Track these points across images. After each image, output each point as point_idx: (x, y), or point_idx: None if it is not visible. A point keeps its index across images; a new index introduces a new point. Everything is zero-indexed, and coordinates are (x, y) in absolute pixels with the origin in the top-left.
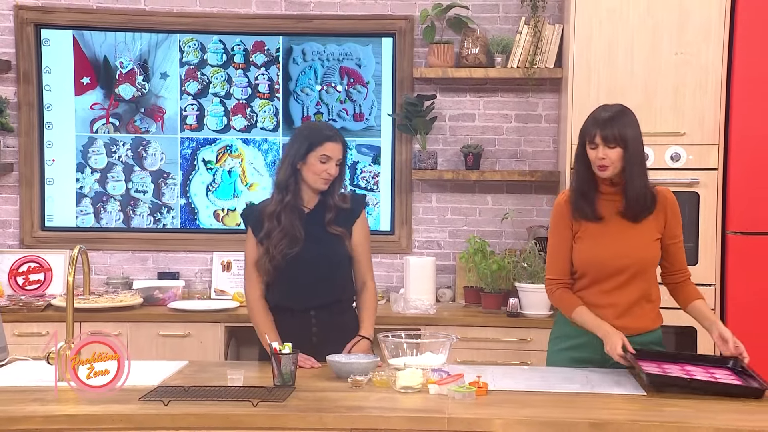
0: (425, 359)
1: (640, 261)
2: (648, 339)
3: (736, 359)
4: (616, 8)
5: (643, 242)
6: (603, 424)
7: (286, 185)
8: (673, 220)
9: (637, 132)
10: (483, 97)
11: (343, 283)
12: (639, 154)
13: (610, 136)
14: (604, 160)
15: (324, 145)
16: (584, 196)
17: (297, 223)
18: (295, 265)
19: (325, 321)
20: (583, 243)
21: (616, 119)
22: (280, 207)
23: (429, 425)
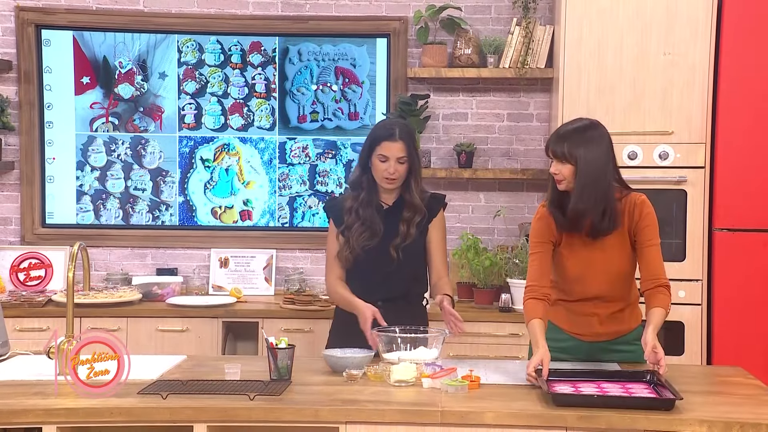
0: (418, 354)
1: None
2: (631, 337)
3: (653, 373)
4: (606, 9)
5: (615, 255)
6: (592, 417)
7: (359, 183)
8: (643, 222)
9: (593, 150)
10: (476, 97)
11: (413, 278)
12: (593, 173)
13: (558, 151)
14: (557, 175)
15: (381, 145)
16: (560, 207)
17: (376, 217)
18: (372, 256)
19: (391, 313)
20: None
21: (571, 136)
22: (357, 203)
23: (422, 418)
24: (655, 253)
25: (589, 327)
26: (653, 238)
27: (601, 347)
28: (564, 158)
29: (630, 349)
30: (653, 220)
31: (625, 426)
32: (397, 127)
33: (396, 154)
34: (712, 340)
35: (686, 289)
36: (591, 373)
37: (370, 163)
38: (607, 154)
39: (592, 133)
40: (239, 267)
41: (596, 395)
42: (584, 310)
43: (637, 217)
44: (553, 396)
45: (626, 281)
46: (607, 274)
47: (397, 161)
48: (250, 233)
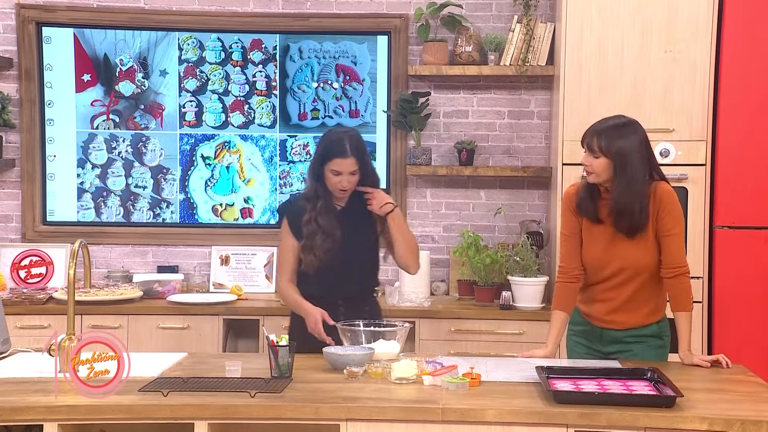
0: (377, 346)
1: (632, 267)
2: (641, 333)
3: (653, 370)
4: (607, 7)
5: (638, 252)
6: (592, 414)
7: (315, 194)
8: (663, 213)
9: (630, 147)
10: (476, 94)
11: (369, 273)
12: (630, 170)
13: (593, 145)
14: (588, 167)
15: (333, 161)
16: (590, 195)
17: (334, 222)
18: (335, 260)
19: (352, 309)
20: (587, 241)
21: (608, 131)
22: (315, 213)
23: (423, 415)
24: (676, 242)
25: (600, 312)
26: (674, 227)
27: (612, 336)
28: (599, 151)
29: (640, 341)
30: (674, 209)
31: (626, 423)
32: (347, 141)
33: (348, 169)
34: (713, 337)
35: None
36: (592, 370)
37: (322, 173)
38: (641, 152)
39: (630, 129)
40: (240, 264)
41: (597, 392)
42: (597, 294)
43: (659, 206)
44: (554, 393)
45: (646, 275)
46: (628, 268)
47: (350, 174)
48: (250, 231)
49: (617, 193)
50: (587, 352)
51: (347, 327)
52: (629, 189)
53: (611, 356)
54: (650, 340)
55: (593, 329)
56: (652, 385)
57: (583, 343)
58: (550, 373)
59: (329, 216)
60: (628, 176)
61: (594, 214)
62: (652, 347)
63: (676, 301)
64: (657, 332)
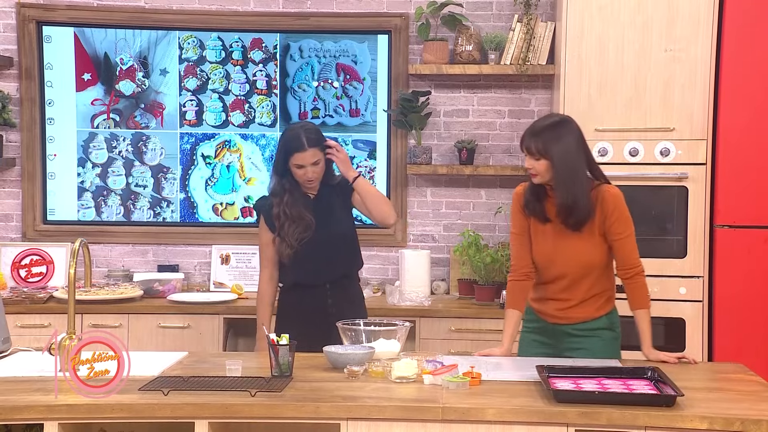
0: (378, 345)
1: (580, 265)
2: (593, 326)
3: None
4: (607, 5)
5: (585, 248)
6: (593, 413)
7: (280, 189)
8: (612, 217)
9: (567, 145)
10: (477, 93)
11: (351, 257)
12: (569, 167)
13: (532, 148)
14: (531, 170)
15: (294, 156)
16: (537, 195)
17: (304, 211)
18: (311, 246)
19: (339, 293)
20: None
21: (543, 133)
22: (282, 206)
23: (423, 414)
24: (628, 244)
25: (553, 309)
26: (625, 229)
27: (564, 331)
28: (538, 153)
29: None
30: (622, 211)
31: (626, 422)
32: (304, 135)
33: (309, 161)
34: (713, 336)
35: (687, 286)
36: (592, 369)
37: (287, 169)
38: (578, 148)
39: (565, 128)
40: (240, 264)
41: (597, 391)
42: (550, 293)
43: (607, 211)
44: (554, 392)
45: (596, 271)
46: (575, 264)
47: (312, 165)
48: (251, 230)
49: (560, 191)
50: (541, 349)
51: (348, 326)
52: (571, 185)
53: (565, 352)
54: (603, 333)
55: (546, 326)
56: (653, 384)
57: (537, 339)
58: (550, 373)
59: (298, 206)
60: (569, 174)
61: (541, 213)
62: (605, 340)
63: (634, 300)
64: (609, 324)
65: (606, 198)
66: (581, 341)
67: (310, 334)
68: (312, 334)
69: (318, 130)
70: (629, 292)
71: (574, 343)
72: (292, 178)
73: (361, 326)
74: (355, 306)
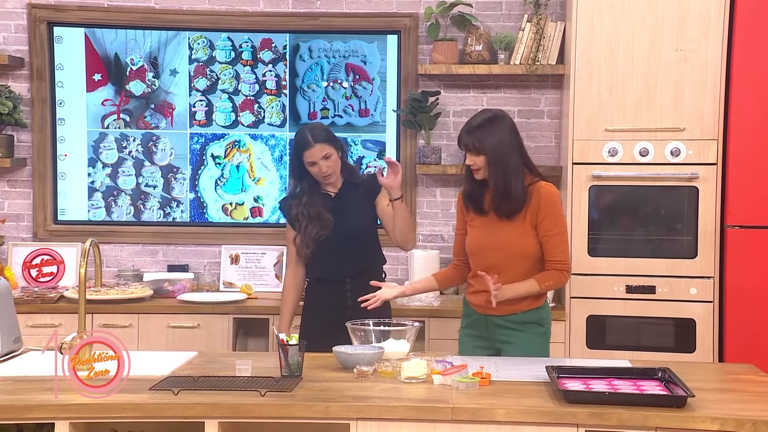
0: (387, 345)
1: (510, 253)
2: (523, 319)
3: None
4: (617, 5)
5: (514, 237)
6: (603, 414)
7: (299, 191)
8: (543, 213)
9: (501, 139)
10: (486, 93)
11: (371, 253)
12: (503, 160)
13: (470, 144)
14: (473, 165)
15: (304, 154)
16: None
17: (322, 210)
18: (329, 243)
19: (359, 288)
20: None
21: (478, 129)
22: (301, 207)
23: (433, 415)
24: (556, 241)
25: (484, 299)
26: (554, 227)
27: (495, 322)
28: (475, 149)
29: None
30: (554, 209)
31: (637, 423)
32: (308, 132)
33: (319, 156)
34: (724, 337)
35: (698, 287)
36: (602, 370)
37: (304, 171)
38: (512, 140)
39: (497, 123)
40: (250, 263)
41: (608, 392)
42: (483, 284)
43: (537, 207)
44: (564, 393)
45: (526, 261)
46: (505, 252)
47: (324, 159)
48: (260, 230)
49: (495, 180)
50: (475, 343)
51: (357, 326)
52: (507, 175)
53: (497, 344)
54: (532, 328)
55: (479, 318)
56: (663, 385)
57: (471, 333)
58: (560, 373)
59: (316, 206)
60: (503, 163)
61: (479, 203)
62: (534, 335)
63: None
64: (538, 319)
65: (541, 194)
66: (511, 335)
67: (331, 327)
68: (333, 327)
69: (326, 128)
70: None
71: (504, 336)
72: (311, 179)
73: (371, 326)
74: None
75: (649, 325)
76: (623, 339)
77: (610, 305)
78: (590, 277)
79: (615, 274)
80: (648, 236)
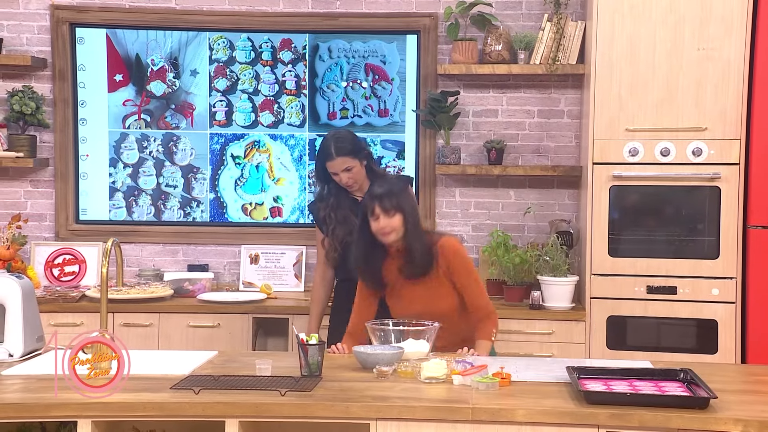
0: (407, 345)
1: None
2: None
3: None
4: (639, 4)
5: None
6: (624, 415)
7: (326, 194)
8: (453, 269)
9: (412, 198)
10: (506, 93)
11: None
12: (416, 217)
13: (387, 205)
14: (386, 228)
15: (327, 165)
16: (372, 265)
17: (349, 214)
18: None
19: None
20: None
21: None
22: (328, 209)
23: (453, 415)
24: (474, 291)
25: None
26: (467, 278)
27: None
28: (393, 209)
29: None
30: (462, 263)
31: (658, 424)
32: (332, 143)
33: (340, 168)
34: (747, 338)
35: (720, 287)
36: (623, 371)
37: (329, 176)
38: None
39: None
40: (269, 263)
41: (629, 393)
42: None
43: (448, 261)
44: (585, 393)
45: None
46: (431, 314)
47: (345, 171)
48: (280, 230)
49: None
50: None
51: (377, 326)
52: (421, 234)
53: None
54: None
55: None
56: (685, 386)
57: None
58: (581, 374)
59: (343, 209)
60: (417, 222)
61: (378, 280)
62: None
63: (479, 332)
64: None
65: (447, 248)
66: None
67: None
68: None
69: (351, 138)
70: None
71: None
72: (336, 185)
73: (390, 326)
74: None
75: (671, 326)
76: (644, 340)
77: (631, 306)
78: (611, 277)
79: (636, 275)
80: (669, 237)
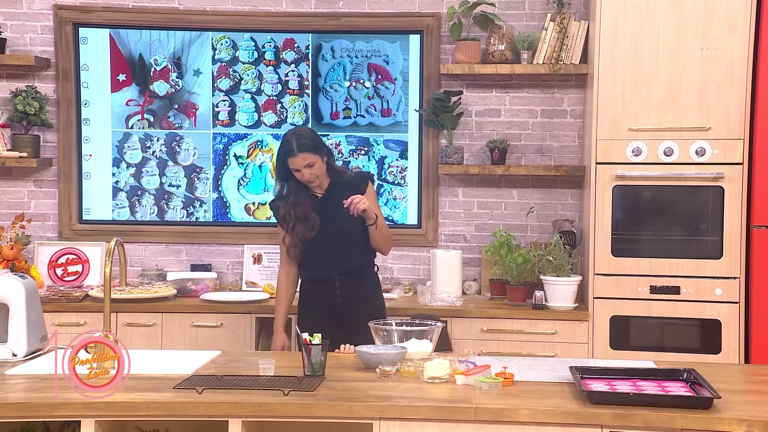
0: (410, 345)
1: None
2: None
3: (690, 371)
4: (642, 4)
5: None
6: (628, 415)
7: (286, 193)
8: None
9: None
10: (509, 93)
11: (360, 251)
12: None
13: None
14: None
15: (288, 161)
16: None
17: (309, 211)
18: (317, 243)
19: (347, 285)
20: None
21: None
22: (288, 208)
23: (456, 415)
24: None
25: None
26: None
27: None
28: None
29: None
30: None
31: (662, 424)
32: (294, 139)
33: (302, 164)
34: (750, 338)
35: (723, 287)
36: (626, 371)
37: (290, 173)
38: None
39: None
40: (272, 263)
41: (632, 393)
42: None
43: None
44: (588, 393)
45: None
46: None
47: (307, 167)
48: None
49: None
50: None
51: (380, 326)
52: None
53: None
54: None
55: None
56: (688, 386)
57: None
58: (584, 374)
59: (303, 206)
60: None
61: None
62: None
63: None
64: None
65: None
66: None
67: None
68: (323, 326)
69: (312, 135)
70: None
71: None
72: (295, 183)
73: (393, 326)
74: (367, 300)
75: (674, 326)
76: (647, 340)
77: (634, 306)
78: (614, 277)
79: (639, 275)
80: (672, 236)
